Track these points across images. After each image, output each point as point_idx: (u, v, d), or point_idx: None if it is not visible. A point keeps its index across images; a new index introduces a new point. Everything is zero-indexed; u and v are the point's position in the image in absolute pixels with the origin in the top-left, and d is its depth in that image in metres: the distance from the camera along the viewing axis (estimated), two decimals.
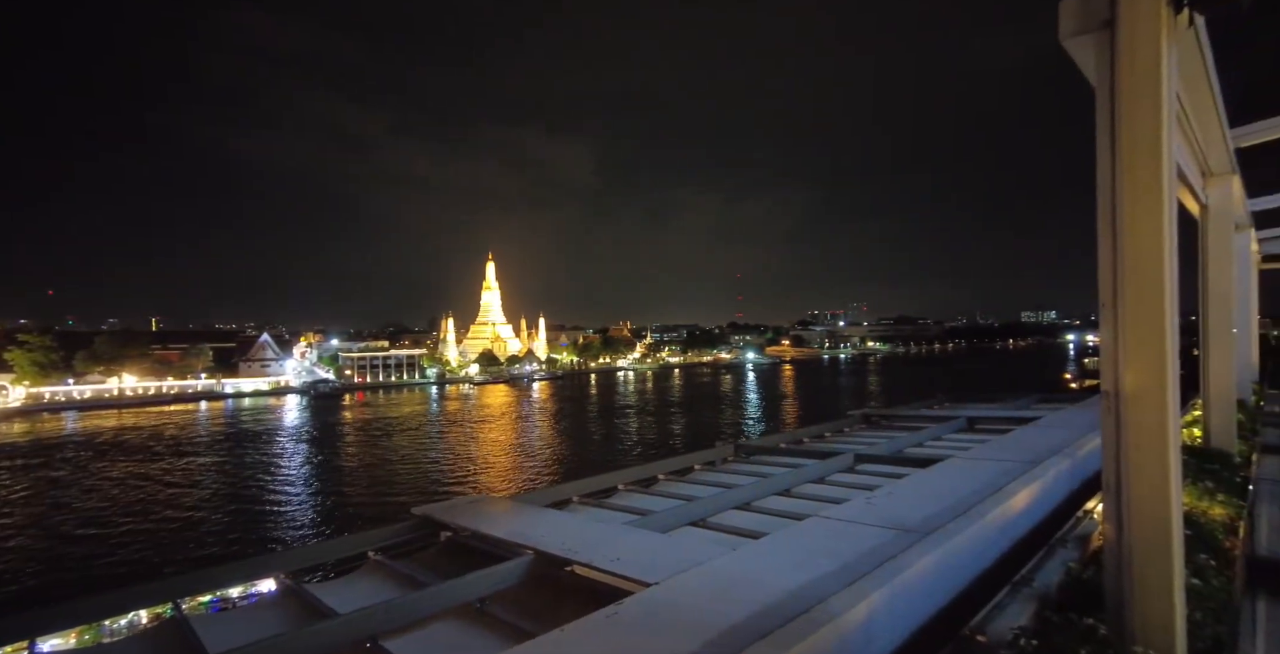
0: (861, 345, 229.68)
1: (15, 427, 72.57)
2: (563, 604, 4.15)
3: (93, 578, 22.44)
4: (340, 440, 55.67)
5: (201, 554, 24.78)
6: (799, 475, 7.28)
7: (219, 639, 3.86)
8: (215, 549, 25.47)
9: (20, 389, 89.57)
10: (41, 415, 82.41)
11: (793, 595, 3.26)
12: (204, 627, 4.13)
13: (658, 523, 5.47)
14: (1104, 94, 2.52)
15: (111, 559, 24.64)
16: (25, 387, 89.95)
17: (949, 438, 9.90)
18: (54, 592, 21.10)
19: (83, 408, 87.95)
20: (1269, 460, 7.39)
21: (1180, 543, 2.41)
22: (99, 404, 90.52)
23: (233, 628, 4.16)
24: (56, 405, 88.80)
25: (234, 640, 3.71)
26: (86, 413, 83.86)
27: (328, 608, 4.22)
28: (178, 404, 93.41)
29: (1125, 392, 2.43)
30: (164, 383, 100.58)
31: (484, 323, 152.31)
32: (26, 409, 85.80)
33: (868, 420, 12.30)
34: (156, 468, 43.89)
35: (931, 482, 5.88)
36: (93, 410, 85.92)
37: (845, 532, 4.37)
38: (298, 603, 4.57)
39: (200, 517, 30.80)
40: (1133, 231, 2.40)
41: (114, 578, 22.25)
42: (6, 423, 75.96)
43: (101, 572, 23.20)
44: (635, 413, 70.56)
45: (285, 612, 4.48)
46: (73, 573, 23.13)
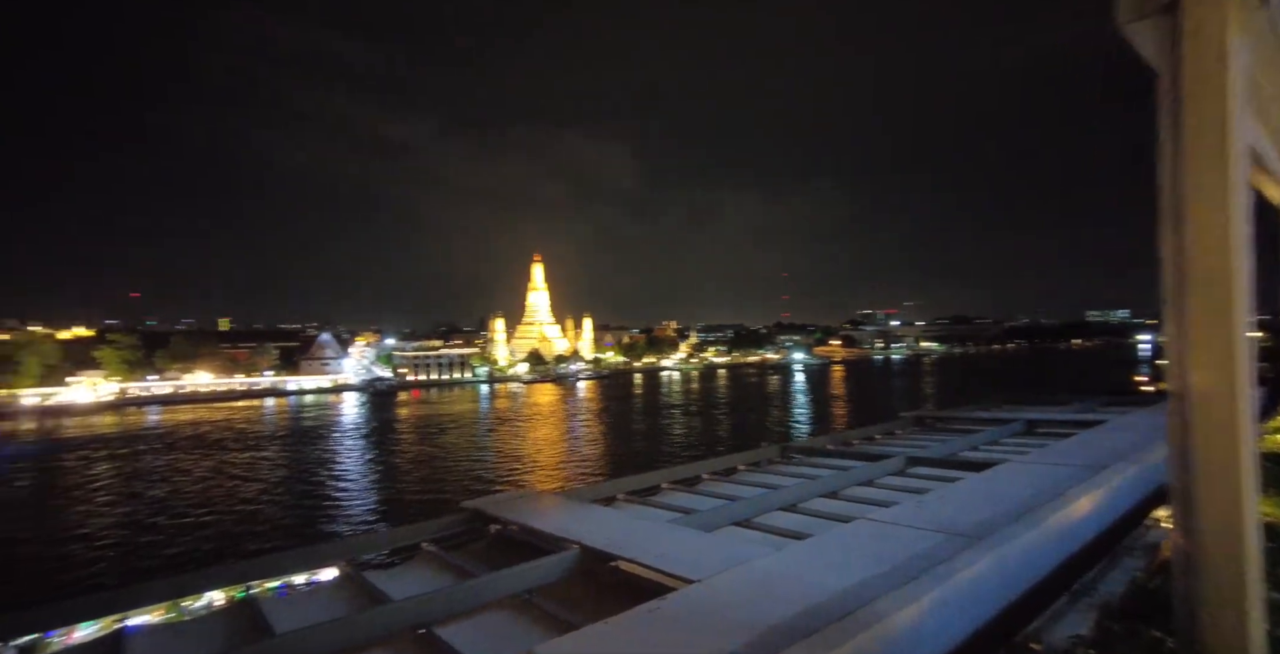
0: (915, 346, 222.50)
1: (106, 419, 78.31)
2: (607, 598, 4.22)
3: (172, 561, 24.03)
4: (396, 436, 57.74)
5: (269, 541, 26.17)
6: (847, 477, 7.16)
7: (285, 620, 4.11)
8: (281, 537, 26.85)
9: (110, 384, 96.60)
10: (127, 409, 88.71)
11: (838, 597, 3.23)
12: (272, 608, 4.40)
13: (702, 521, 5.49)
14: (1166, 80, 2.40)
15: (187, 544, 26.31)
16: (114, 382, 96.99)
17: (1006, 441, 9.52)
18: (141, 573, 22.72)
19: (162, 403, 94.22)
20: None
21: (1256, 554, 2.27)
22: (176, 399, 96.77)
23: (297, 610, 4.41)
24: (140, 400, 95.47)
25: (299, 622, 3.94)
26: (166, 407, 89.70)
27: (384, 595, 4.42)
28: (246, 400, 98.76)
29: (1192, 393, 2.31)
30: (233, 380, 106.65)
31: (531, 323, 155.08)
32: (115, 403, 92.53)
33: (920, 423, 11.95)
34: (228, 460, 46.58)
35: (986, 485, 5.69)
36: (171, 405, 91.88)
37: (894, 534, 4.28)
38: (357, 589, 4.80)
39: (266, 506, 32.51)
40: (1197, 223, 2.29)
41: (192, 561, 23.78)
42: (99, 416, 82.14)
43: (180, 555, 24.81)
44: (679, 413, 70.47)
45: (345, 597, 4.72)
46: (155, 556, 24.82)
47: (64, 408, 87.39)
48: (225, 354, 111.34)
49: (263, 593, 4.96)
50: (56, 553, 25.65)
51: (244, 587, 4.83)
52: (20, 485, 39.92)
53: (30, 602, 4.42)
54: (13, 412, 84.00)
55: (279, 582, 5.10)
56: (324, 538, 26.46)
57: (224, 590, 4.88)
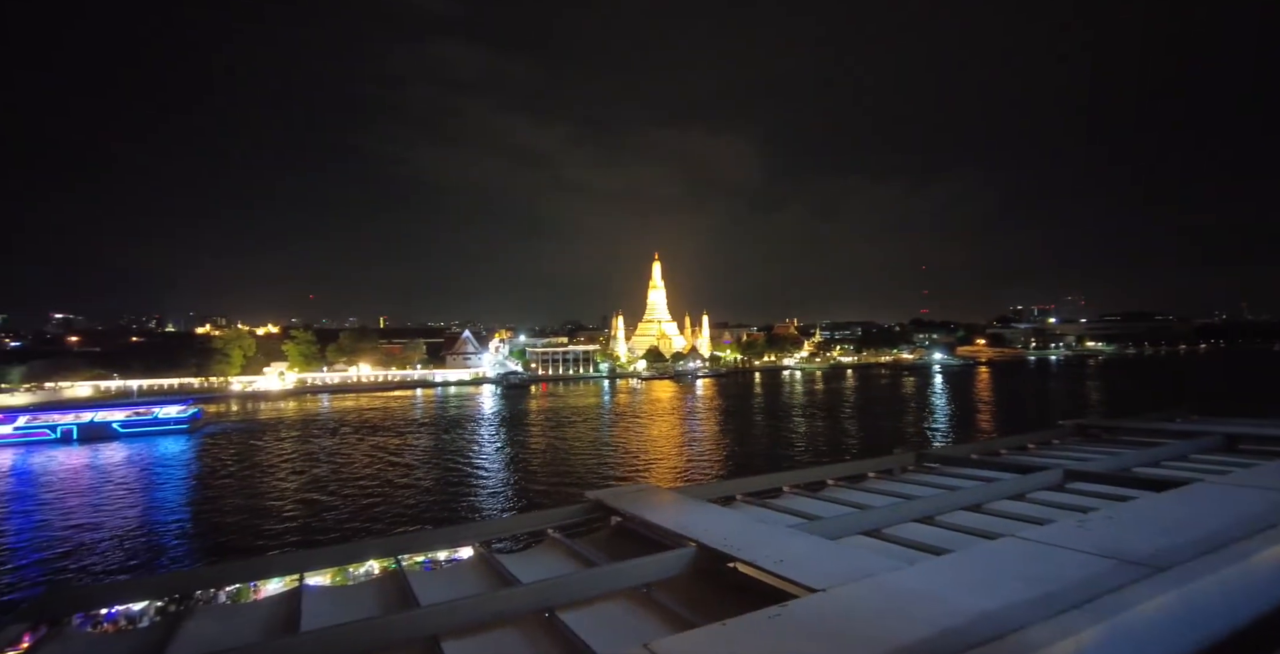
0: (1079, 345, 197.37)
1: (290, 404, 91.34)
2: (723, 599, 4.17)
3: (333, 530, 27.46)
4: (527, 426, 61.59)
5: (416, 518, 29.03)
6: (993, 490, 6.50)
7: (428, 592, 4.51)
8: (426, 514, 29.71)
9: (292, 375, 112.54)
10: (305, 396, 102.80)
11: (979, 620, 2.93)
12: (417, 581, 4.85)
13: (826, 529, 5.25)
14: None
15: (351, 515, 29.87)
16: (294, 372, 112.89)
17: (1196, 458, 8.13)
18: (314, 536, 26.25)
19: (332, 391, 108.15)
20: None
21: None
22: (343, 388, 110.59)
23: (437, 584, 4.82)
24: (315, 388, 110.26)
25: (438, 595, 4.31)
26: (335, 395, 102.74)
27: (513, 576, 4.71)
28: (399, 390, 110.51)
29: None
30: (389, 372, 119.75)
31: (650, 321, 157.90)
32: (296, 390, 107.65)
33: (1083, 432, 10.55)
34: (386, 443, 52.29)
35: (1170, 508, 4.89)
36: (338, 393, 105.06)
37: (1049, 556, 3.81)
38: (489, 569, 5.16)
39: (412, 487, 36.06)
40: None
41: (354, 531, 27.01)
42: (284, 401, 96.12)
43: (345, 523, 28.27)
44: (801, 413, 68.14)
45: (478, 576, 5.09)
46: (326, 524, 28.48)
47: (260, 393, 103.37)
48: (383, 349, 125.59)
49: (410, 566, 5.48)
50: (251, 517, 30.30)
51: (394, 559, 5.38)
52: (234, 458, 47.63)
53: (230, 559, 5.26)
54: (225, 395, 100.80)
55: (423, 557, 5.62)
56: (461, 518, 28.87)
57: (378, 561, 5.47)
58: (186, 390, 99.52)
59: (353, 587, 5.11)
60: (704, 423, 62.72)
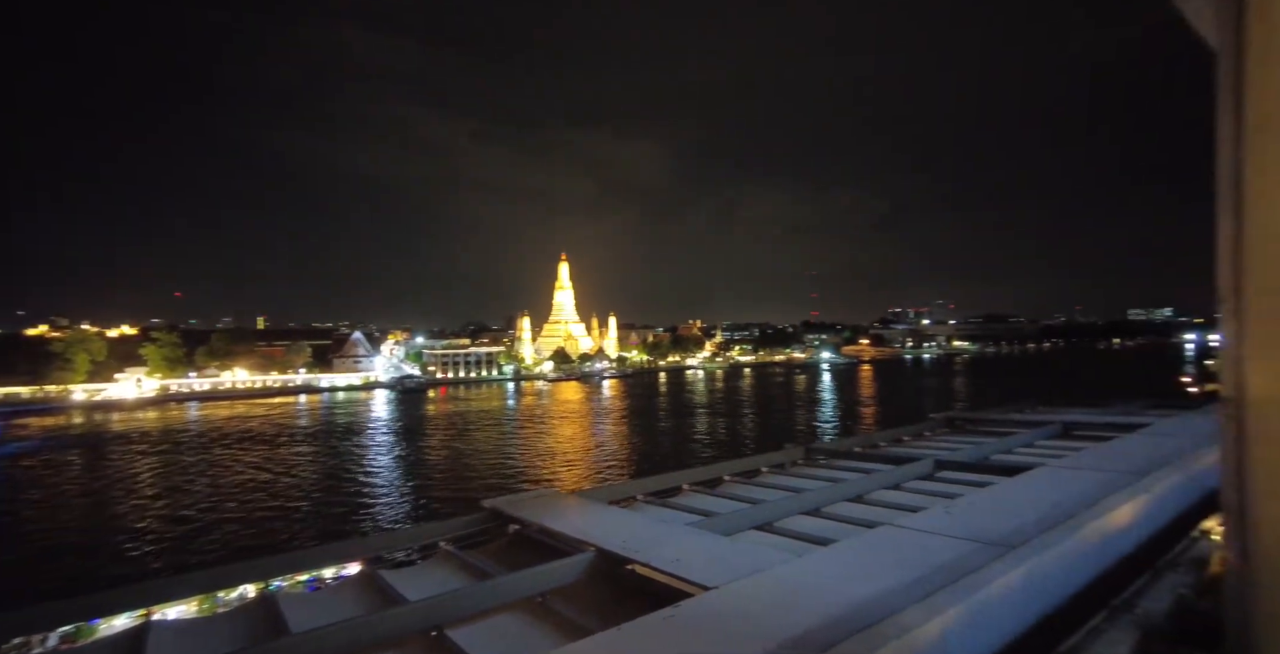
0: (947, 345, 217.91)
1: (149, 414, 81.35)
2: (622, 603, 4.14)
3: (203, 554, 24.79)
4: (423, 433, 58.69)
5: (295, 537, 26.84)
6: (873, 481, 6.95)
7: (301, 619, 4.12)
8: (308, 532, 27.51)
9: (153, 381, 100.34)
10: (169, 405, 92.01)
11: (861, 607, 3.09)
12: (290, 606, 4.42)
13: (721, 525, 5.36)
14: (1228, 59, 2.21)
15: (219, 538, 27.09)
16: (156, 379, 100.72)
17: (1042, 445, 9.16)
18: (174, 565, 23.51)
19: (202, 398, 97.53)
20: None
21: None
22: (215, 395, 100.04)
23: (314, 609, 4.42)
24: (180, 396, 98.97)
25: (314, 621, 3.94)
26: (205, 403, 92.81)
27: (399, 594, 4.41)
28: (281, 397, 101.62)
29: (1249, 397, 2.12)
30: (269, 377, 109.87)
31: (557, 321, 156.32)
32: (158, 399, 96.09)
33: (951, 424, 11.60)
34: (262, 455, 47.92)
35: (1020, 491, 5.45)
36: (209, 401, 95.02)
37: (921, 542, 4.11)
38: (373, 588, 4.80)
39: (296, 501, 33.33)
40: (1260, 212, 2.10)
41: (221, 556, 24.49)
42: (142, 411, 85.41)
43: (212, 548, 25.56)
44: (703, 412, 70.16)
45: (361, 596, 4.72)
46: (188, 550, 25.62)
47: (111, 403, 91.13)
48: (261, 352, 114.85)
49: (287, 589, 5.00)
50: (95, 543, 26.67)
51: (264, 583, 4.87)
52: (69, 477, 41.63)
53: (62, 593, 4.53)
54: (64, 406, 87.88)
55: (299, 578, 5.14)
56: (349, 534, 27.01)
57: (245, 586, 4.94)
58: (12, 401, 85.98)
59: (212, 618, 4.57)
60: (610, 424, 62.89)
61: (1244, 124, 2.12)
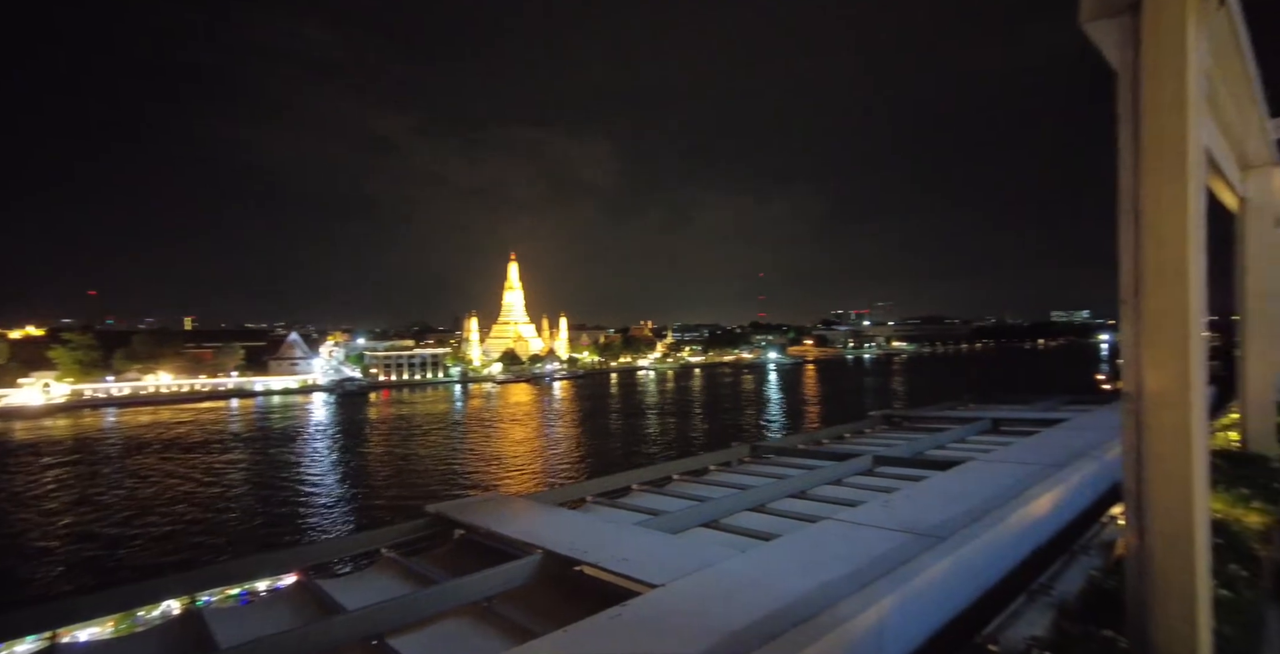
0: (886, 345, 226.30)
1: (59, 422, 75.25)
2: (570, 604, 4.12)
3: (117, 571, 23.15)
4: (364, 438, 56.63)
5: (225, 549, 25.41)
6: (815, 477, 7.16)
7: (231, 634, 3.92)
8: (238, 544, 26.10)
9: (64, 386, 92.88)
10: (83, 412, 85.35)
11: (802, 599, 3.18)
12: (218, 621, 4.19)
13: (669, 523, 5.41)
14: (1126, 79, 2.40)
15: (136, 555, 25.37)
16: (68, 383, 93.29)
17: (972, 440, 9.65)
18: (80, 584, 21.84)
19: (121, 404, 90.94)
20: None
21: (1206, 553, 2.28)
22: (136, 401, 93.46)
23: (245, 623, 4.21)
24: (96, 402, 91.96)
25: (245, 635, 3.76)
26: (124, 409, 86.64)
27: (337, 604, 4.25)
28: (210, 401, 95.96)
29: (1147, 393, 2.31)
30: (197, 381, 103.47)
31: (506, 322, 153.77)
32: (69, 405, 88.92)
33: (889, 421, 12.07)
34: (188, 464, 45.15)
35: (951, 485, 5.73)
36: (130, 407, 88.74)
37: (859, 535, 4.26)
38: (310, 599, 4.62)
39: (225, 512, 31.59)
40: (1155, 224, 2.28)
41: (139, 572, 22.93)
42: (50, 418, 78.90)
43: (127, 566, 23.91)
44: (654, 413, 70.50)
45: (297, 607, 4.53)
46: (97, 567, 23.87)
47: (13, 411, 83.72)
48: (189, 354, 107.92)
49: (215, 604, 4.74)
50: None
51: (189, 597, 4.60)
52: None
53: None
54: None
55: (229, 591, 4.89)
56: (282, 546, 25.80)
57: (167, 602, 4.65)
58: None
59: (130, 639, 4.28)
60: (561, 426, 62.35)
61: (1141, 139, 2.31)
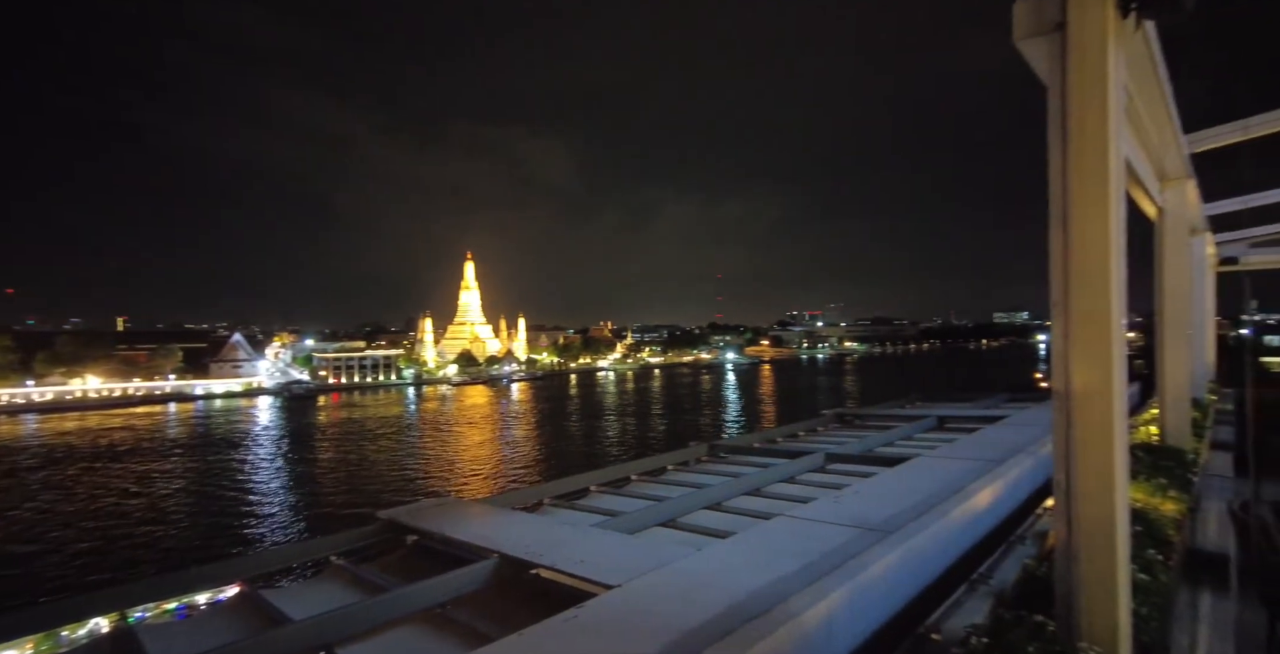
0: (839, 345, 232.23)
1: None
2: (526, 608, 4.09)
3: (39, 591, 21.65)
4: (313, 443, 54.63)
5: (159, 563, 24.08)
6: (769, 475, 7.30)
7: (168, 650, 3.73)
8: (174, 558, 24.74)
9: None
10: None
11: (755, 595, 3.24)
12: (152, 637, 3.99)
13: (626, 524, 5.43)
14: (1055, 94, 2.55)
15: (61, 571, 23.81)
16: None
17: (919, 437, 10.01)
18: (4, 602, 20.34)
19: (43, 410, 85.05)
20: (1217, 457, 7.61)
21: (1126, 540, 2.44)
22: (61, 407, 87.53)
23: (182, 638, 4.02)
24: (14, 408, 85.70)
25: (184, 651, 3.59)
26: (47, 415, 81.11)
27: (283, 615, 4.10)
28: (145, 406, 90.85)
29: (1075, 391, 2.45)
30: (130, 384, 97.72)
31: (462, 323, 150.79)
32: None
33: (841, 420, 12.40)
34: (118, 473, 42.63)
35: (898, 481, 5.93)
36: (54, 413, 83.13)
37: (811, 531, 4.37)
38: (253, 610, 4.44)
39: (162, 523, 29.95)
40: (1081, 231, 2.43)
41: (62, 590, 21.50)
42: None
43: (49, 584, 22.40)
44: (614, 414, 70.43)
45: (240, 620, 4.35)
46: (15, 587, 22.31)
47: None
48: (121, 356, 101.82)
49: (150, 620, 4.50)
50: None
51: (119, 613, 4.35)
52: None
53: None
54: None
55: (166, 605, 4.65)
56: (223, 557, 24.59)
57: (97, 619, 4.39)
58: None
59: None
60: (519, 428, 61.57)
61: (1068, 155, 2.46)
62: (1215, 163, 7.32)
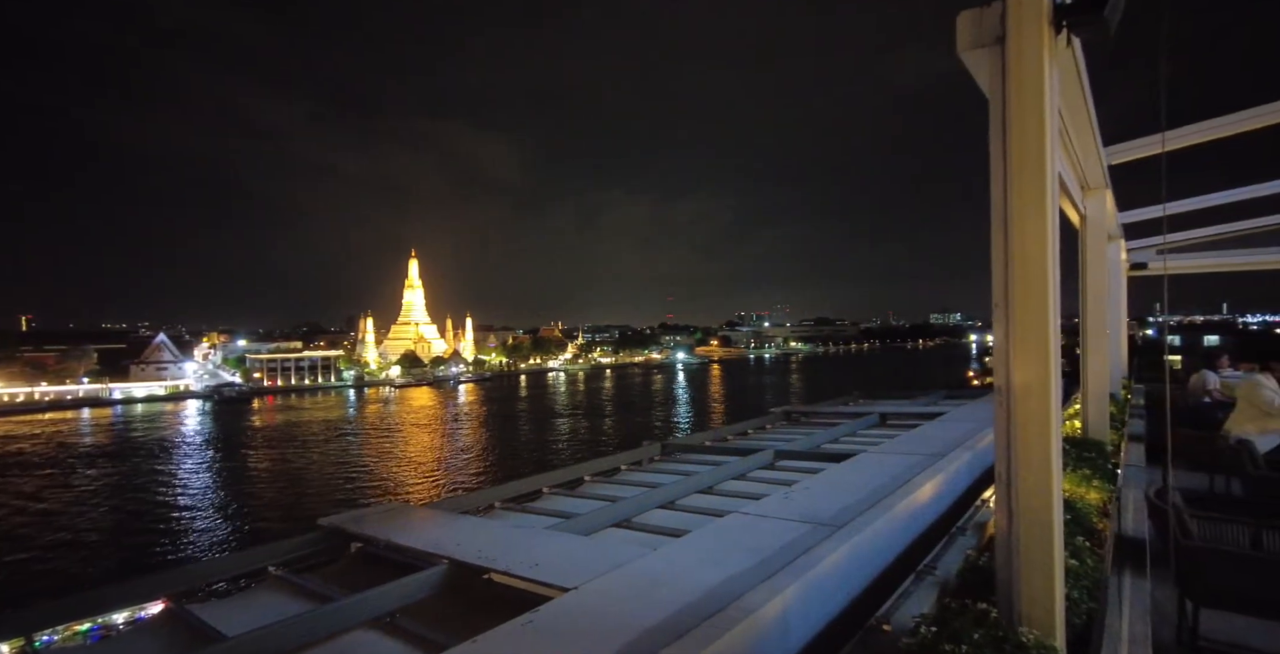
0: (785, 345, 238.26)
1: None
2: (479, 614, 3.99)
3: None
4: (246, 449, 51.90)
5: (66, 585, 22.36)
6: (721, 472, 7.37)
7: None
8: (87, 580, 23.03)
9: None
10: None
11: (711, 593, 3.26)
12: None
13: (580, 525, 5.37)
14: (996, 105, 2.67)
15: None
16: None
17: (863, 433, 10.34)
18: None
19: None
20: (1133, 448, 8.20)
21: (1061, 528, 2.58)
22: None
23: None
24: None
25: None
26: None
27: (215, 631, 3.86)
28: (54, 412, 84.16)
29: (1015, 387, 2.58)
30: (36, 388, 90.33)
31: (406, 323, 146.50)
32: None
33: (788, 417, 12.68)
34: (14, 488, 39.30)
35: (845, 476, 6.10)
36: None
37: (763, 527, 4.44)
38: (182, 627, 4.15)
39: (71, 546, 27.80)
40: (1021, 236, 2.56)
41: None
42: None
43: None
44: (566, 415, 69.97)
45: (166, 638, 4.06)
46: None
47: None
48: (26, 358, 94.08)
49: (59, 644, 4.15)
50: None
51: (24, 638, 4.00)
52: None
53: None
54: None
55: (75, 629, 4.29)
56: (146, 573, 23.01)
57: (7, 644, 4.02)
58: None
59: None
60: (467, 431, 60.30)
61: (1009, 164, 2.58)
62: (1130, 174, 7.89)
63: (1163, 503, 4.28)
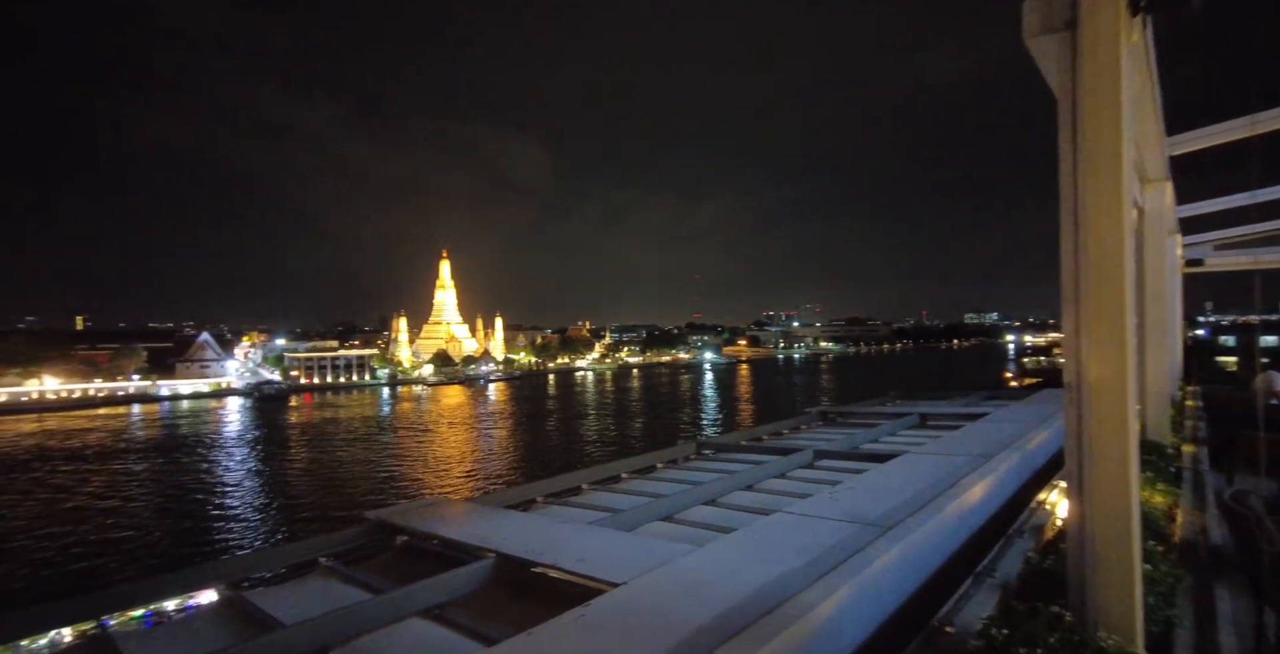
0: (814, 345, 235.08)
1: None
2: (527, 607, 4.02)
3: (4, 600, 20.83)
4: (287, 444, 53.48)
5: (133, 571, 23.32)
6: (761, 471, 7.32)
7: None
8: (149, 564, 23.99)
9: None
10: None
11: (762, 592, 3.23)
12: (131, 645, 3.84)
13: (624, 521, 5.39)
14: (1065, 94, 2.57)
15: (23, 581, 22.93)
16: None
17: (903, 434, 10.14)
18: None
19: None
20: (1194, 450, 7.86)
21: (1139, 530, 2.48)
22: (14, 408, 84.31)
23: (164, 645, 3.88)
24: None
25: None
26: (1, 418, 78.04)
27: (273, 619, 3.98)
28: (107, 408, 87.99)
29: (1087, 383, 2.49)
30: (91, 385, 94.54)
31: (438, 322, 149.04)
32: None
33: (824, 418, 12.52)
34: (79, 476, 41.17)
35: (890, 476, 5.99)
36: (8, 415, 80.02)
37: (811, 526, 4.38)
38: (239, 615, 4.29)
39: (130, 530, 29.00)
40: (1094, 229, 2.47)
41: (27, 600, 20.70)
42: None
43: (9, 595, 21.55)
44: (595, 414, 70.28)
45: (225, 625, 4.20)
46: None
47: None
48: (80, 356, 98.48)
49: (124, 625, 4.32)
50: None
51: (96, 621, 4.18)
52: None
53: None
54: None
55: (144, 611, 4.47)
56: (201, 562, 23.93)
57: (73, 627, 4.20)
58: None
59: None
60: (498, 429, 61.03)
61: (1080, 156, 2.48)
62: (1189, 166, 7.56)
63: (1243, 507, 4.07)
